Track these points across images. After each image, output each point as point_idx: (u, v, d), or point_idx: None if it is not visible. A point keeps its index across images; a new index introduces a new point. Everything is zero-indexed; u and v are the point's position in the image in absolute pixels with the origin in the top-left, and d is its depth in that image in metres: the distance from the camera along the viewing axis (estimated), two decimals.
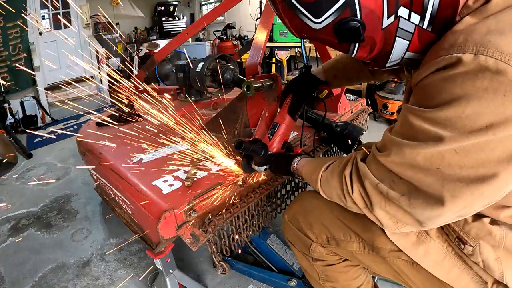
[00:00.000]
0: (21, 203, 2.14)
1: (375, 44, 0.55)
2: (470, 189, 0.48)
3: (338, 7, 0.50)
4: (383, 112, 3.14)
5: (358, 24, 0.50)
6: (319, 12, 0.52)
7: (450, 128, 0.46)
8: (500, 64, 0.42)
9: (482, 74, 0.43)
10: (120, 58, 5.14)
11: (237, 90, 1.50)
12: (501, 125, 0.43)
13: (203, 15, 1.90)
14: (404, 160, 0.52)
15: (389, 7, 0.50)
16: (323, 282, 0.90)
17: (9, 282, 1.47)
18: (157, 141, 1.24)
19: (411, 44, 0.55)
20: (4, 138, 2.89)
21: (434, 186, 0.50)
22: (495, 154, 0.45)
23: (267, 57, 4.33)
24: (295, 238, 0.89)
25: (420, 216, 0.53)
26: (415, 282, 0.72)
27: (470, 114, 0.44)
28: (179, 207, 0.80)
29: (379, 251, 0.74)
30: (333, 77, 1.01)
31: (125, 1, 5.89)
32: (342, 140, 1.17)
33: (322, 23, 0.53)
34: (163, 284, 1.20)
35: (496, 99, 0.43)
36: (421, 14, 0.51)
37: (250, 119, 1.11)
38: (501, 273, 0.60)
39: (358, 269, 0.88)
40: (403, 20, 0.51)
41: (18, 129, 3.66)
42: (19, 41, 3.90)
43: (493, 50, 0.43)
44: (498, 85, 0.42)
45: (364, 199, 0.59)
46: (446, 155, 0.47)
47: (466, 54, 0.44)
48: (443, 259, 0.65)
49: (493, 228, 0.59)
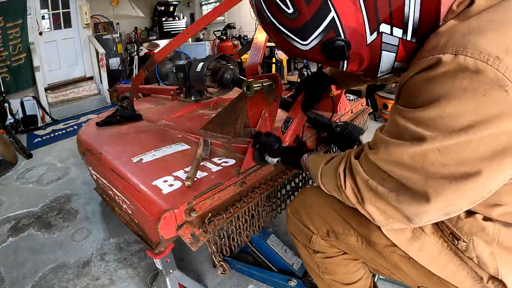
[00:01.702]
0: (21, 203, 2.15)
1: (363, 58, 0.58)
2: (452, 187, 0.48)
3: (322, 30, 0.54)
4: (383, 112, 3.14)
5: (343, 43, 0.54)
6: (305, 35, 0.56)
7: (432, 128, 0.48)
8: (479, 64, 0.43)
9: (462, 74, 0.44)
10: (120, 58, 5.14)
11: (237, 90, 1.50)
12: (482, 124, 0.44)
13: (203, 15, 1.90)
14: (391, 158, 0.54)
15: (370, 25, 0.53)
16: (322, 274, 0.91)
17: (9, 282, 1.47)
18: (157, 141, 1.24)
19: (398, 55, 0.57)
20: (4, 138, 2.89)
21: (418, 183, 0.51)
22: (477, 153, 0.46)
23: (267, 57, 4.33)
24: (297, 230, 0.91)
25: (407, 212, 0.55)
26: (412, 277, 0.73)
27: (450, 114, 0.45)
28: (179, 207, 0.80)
29: (375, 246, 0.75)
30: (340, 79, 1.06)
31: (125, 1, 5.90)
32: (342, 140, 1.17)
33: (309, 45, 0.57)
34: (163, 284, 1.20)
35: (476, 98, 0.43)
36: (403, 27, 0.53)
37: (250, 119, 1.11)
38: (496, 268, 0.60)
39: (357, 263, 0.88)
40: (386, 35, 0.54)
41: (18, 129, 3.67)
42: (19, 41, 3.90)
43: (472, 50, 0.44)
44: (478, 85, 0.43)
45: (356, 194, 0.61)
46: (429, 154, 0.49)
47: (446, 55, 0.45)
48: (438, 254, 0.66)
49: (486, 224, 0.59)
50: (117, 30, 5.59)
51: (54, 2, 4.42)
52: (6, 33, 3.80)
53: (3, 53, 3.83)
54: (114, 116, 1.64)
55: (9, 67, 3.88)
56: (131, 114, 1.65)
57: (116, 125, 1.59)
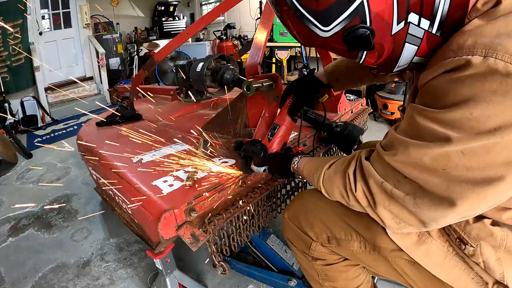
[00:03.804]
0: (21, 203, 2.14)
1: (383, 50, 0.55)
2: (476, 191, 0.47)
3: (348, 15, 0.49)
4: (383, 112, 3.14)
5: (368, 31, 0.50)
6: (328, 20, 0.51)
7: (457, 129, 0.46)
8: (509, 67, 0.42)
9: (492, 76, 0.43)
10: (120, 58, 5.14)
11: (237, 90, 1.50)
12: (510, 127, 0.43)
13: (203, 15, 1.90)
14: (410, 160, 0.52)
15: (399, 13, 0.49)
16: (322, 281, 0.89)
17: (9, 282, 1.47)
18: (157, 141, 1.24)
19: (420, 49, 0.55)
20: (4, 138, 2.89)
21: (440, 187, 0.50)
22: (502, 157, 0.45)
23: (267, 57, 4.33)
24: (295, 237, 0.89)
25: (424, 217, 0.53)
26: (416, 281, 0.72)
27: (478, 116, 0.44)
28: (179, 207, 0.80)
29: (380, 251, 0.73)
30: (335, 81, 1.02)
31: (125, 1, 5.89)
32: (342, 140, 1.17)
33: (331, 31, 0.52)
34: (163, 284, 1.20)
35: (505, 102, 0.43)
36: (431, 19, 0.51)
37: (250, 119, 1.11)
38: (502, 274, 0.60)
39: (357, 268, 0.87)
40: (413, 25, 0.51)
41: (18, 129, 3.67)
42: (19, 41, 3.90)
43: (503, 52, 0.43)
44: (508, 88, 0.42)
45: (368, 197, 0.60)
46: (453, 156, 0.47)
47: (475, 57, 0.44)
48: (444, 259, 0.65)
49: (494, 229, 0.59)
50: (117, 30, 5.58)
51: (54, 2, 4.42)
52: (6, 33, 3.80)
53: (3, 53, 3.83)
54: (114, 116, 1.64)
55: (9, 67, 3.88)
56: (131, 114, 1.65)
57: (116, 125, 1.59)
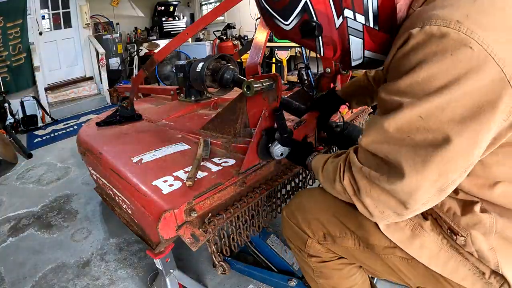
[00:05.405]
0: (21, 203, 2.15)
1: (335, 42, 0.64)
2: (439, 153, 0.49)
3: (298, 12, 0.62)
4: None
5: (315, 24, 0.61)
6: (287, 16, 0.64)
7: (410, 94, 0.50)
8: (442, 29, 0.47)
9: (429, 40, 0.48)
10: (120, 58, 5.14)
11: (237, 90, 1.50)
12: (455, 83, 0.46)
13: (203, 15, 1.90)
14: (379, 137, 0.56)
15: (336, 9, 0.59)
16: (317, 278, 0.90)
17: (9, 282, 1.47)
18: (157, 141, 1.24)
19: (366, 43, 0.62)
20: (4, 138, 2.89)
21: (407, 154, 0.52)
22: (457, 113, 0.47)
23: (267, 57, 4.33)
24: (292, 234, 0.90)
25: (400, 193, 0.54)
26: (411, 278, 0.73)
27: (425, 78, 0.48)
28: (179, 207, 0.80)
29: (374, 248, 0.74)
30: (351, 98, 1.13)
31: (125, 1, 5.89)
32: (342, 140, 1.17)
33: (290, 25, 0.65)
34: (163, 284, 1.20)
35: (445, 60, 0.46)
36: (364, 14, 0.59)
37: (250, 119, 1.11)
38: (496, 263, 0.60)
39: (352, 267, 0.88)
40: (350, 20, 0.60)
41: (18, 129, 3.67)
42: (19, 41, 3.90)
43: (435, 19, 0.48)
44: (444, 47, 0.46)
45: (353, 185, 0.62)
46: (413, 121, 0.50)
47: (415, 29, 0.50)
48: (439, 252, 0.66)
49: (483, 216, 0.60)
50: (117, 30, 5.58)
51: (54, 2, 4.42)
52: (6, 33, 3.80)
53: (3, 53, 3.83)
54: (114, 116, 1.64)
55: (9, 67, 3.88)
56: (131, 114, 1.65)
57: (116, 125, 1.60)
